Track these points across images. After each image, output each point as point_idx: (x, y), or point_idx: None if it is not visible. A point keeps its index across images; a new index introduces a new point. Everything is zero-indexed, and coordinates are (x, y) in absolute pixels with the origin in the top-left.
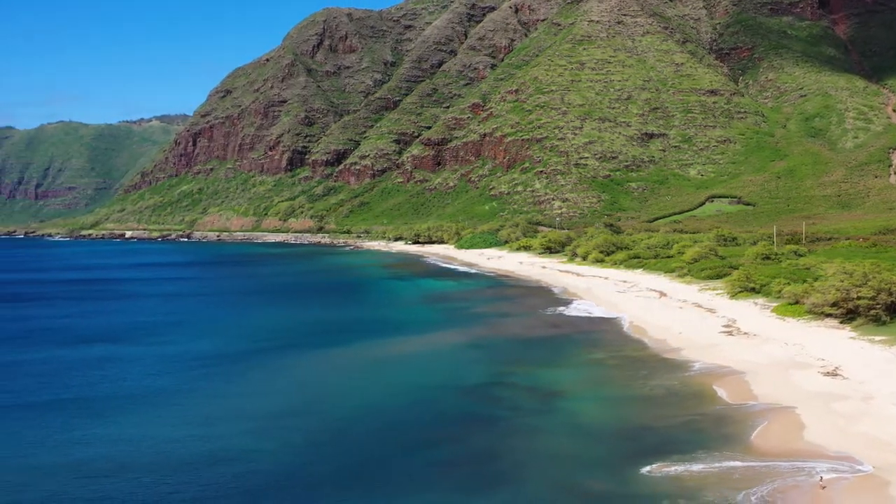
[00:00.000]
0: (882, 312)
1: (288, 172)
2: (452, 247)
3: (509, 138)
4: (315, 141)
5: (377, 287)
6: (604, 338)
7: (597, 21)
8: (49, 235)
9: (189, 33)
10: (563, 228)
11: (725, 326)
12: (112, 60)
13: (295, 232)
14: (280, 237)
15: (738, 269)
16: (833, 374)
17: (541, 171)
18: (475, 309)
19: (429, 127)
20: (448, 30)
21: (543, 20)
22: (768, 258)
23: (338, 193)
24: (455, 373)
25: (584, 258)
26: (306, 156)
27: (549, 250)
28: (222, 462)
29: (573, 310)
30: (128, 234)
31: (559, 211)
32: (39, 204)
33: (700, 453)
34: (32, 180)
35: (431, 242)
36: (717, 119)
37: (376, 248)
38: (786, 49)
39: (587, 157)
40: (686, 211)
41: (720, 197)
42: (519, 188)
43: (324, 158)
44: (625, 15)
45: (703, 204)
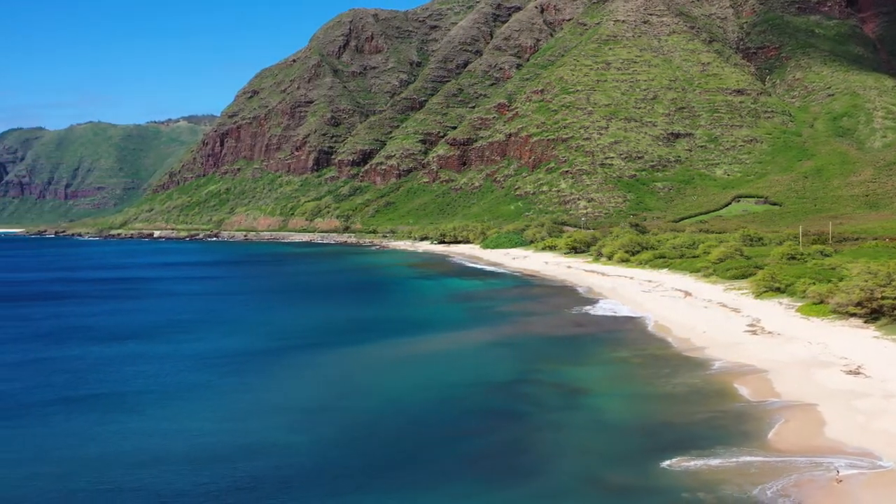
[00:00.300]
0: None
1: (314, 172)
2: (478, 247)
3: (535, 138)
4: (341, 141)
5: (404, 286)
6: (628, 336)
7: (623, 21)
8: (79, 235)
9: (216, 34)
10: (589, 228)
11: (750, 326)
12: (140, 61)
13: (321, 232)
14: (306, 237)
15: (764, 269)
16: (855, 373)
17: (566, 171)
18: (501, 308)
19: (454, 127)
20: (474, 30)
21: (569, 20)
22: (794, 258)
23: (364, 193)
24: (482, 370)
25: (610, 258)
26: (332, 156)
27: (575, 250)
28: (256, 454)
29: (598, 309)
30: (156, 234)
31: (584, 211)
32: (69, 204)
33: (719, 448)
34: (62, 180)
35: (457, 242)
36: (744, 119)
37: (402, 248)
38: (813, 48)
39: (613, 157)
40: (712, 211)
41: (746, 197)
42: (544, 188)
43: (350, 158)
44: (651, 14)
45: (730, 204)
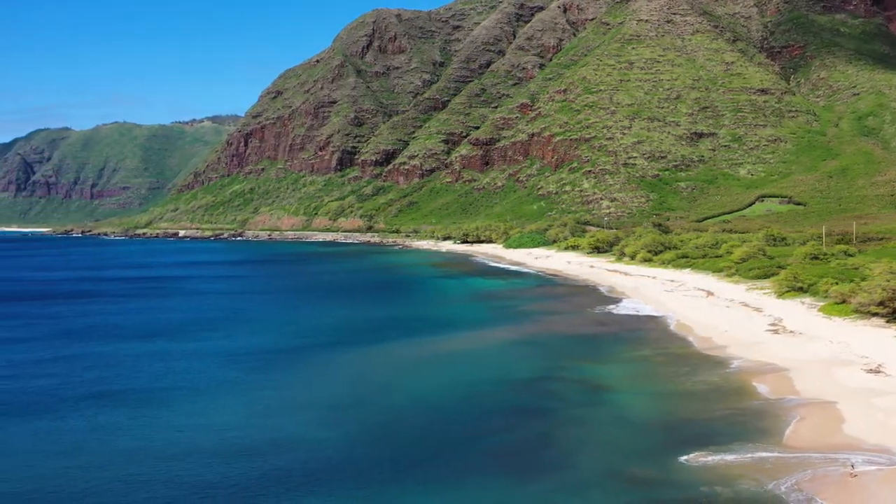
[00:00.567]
0: None
1: (338, 172)
2: (500, 246)
3: (557, 138)
4: (364, 141)
5: (427, 285)
6: (650, 335)
7: (646, 20)
8: (105, 234)
9: (241, 35)
10: (612, 228)
11: (771, 325)
12: (165, 62)
13: (345, 231)
14: (330, 236)
15: (786, 269)
16: (876, 371)
17: (589, 171)
18: (524, 307)
19: (477, 127)
20: (496, 30)
21: (592, 20)
22: (817, 258)
23: (387, 193)
24: (505, 368)
25: (632, 258)
26: (356, 156)
27: (597, 250)
28: (284, 449)
29: (621, 308)
30: (181, 233)
31: (607, 211)
32: (95, 203)
33: (736, 444)
34: (88, 180)
35: (479, 242)
36: (768, 118)
37: (425, 248)
38: (838, 47)
39: (636, 157)
40: (735, 211)
41: (770, 196)
42: (567, 188)
43: (373, 158)
44: (674, 14)
45: (753, 204)
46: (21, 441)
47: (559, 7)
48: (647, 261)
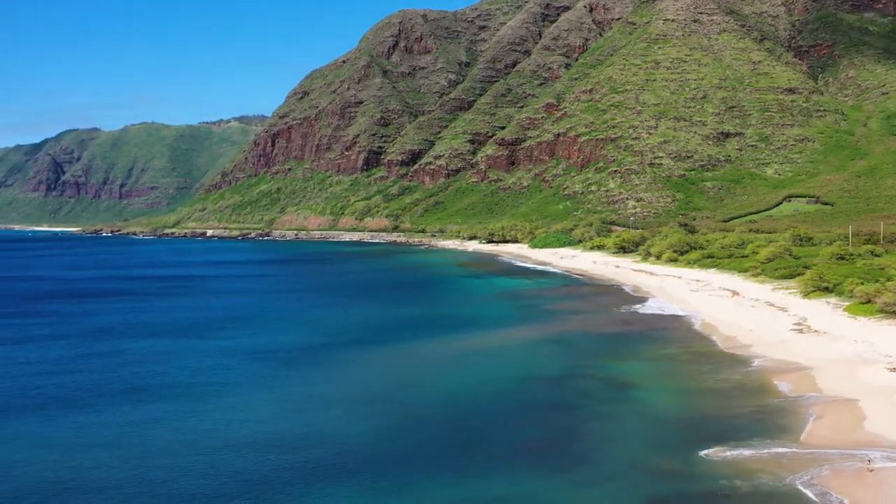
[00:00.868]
0: None
1: (364, 172)
2: (526, 246)
3: (583, 138)
4: (390, 141)
5: (454, 284)
6: (675, 335)
7: (672, 20)
8: (134, 234)
9: (267, 36)
10: (637, 228)
11: (796, 325)
12: (192, 63)
13: (371, 231)
14: (356, 236)
15: (812, 269)
16: None
17: (615, 171)
18: (550, 306)
19: (503, 127)
20: (522, 30)
21: (618, 19)
22: (843, 258)
23: (413, 193)
24: (532, 365)
25: (658, 258)
26: (382, 156)
27: (623, 250)
28: (316, 442)
29: (646, 308)
30: (209, 233)
31: (633, 210)
32: (123, 203)
33: (756, 440)
34: (117, 180)
35: (505, 241)
36: (796, 118)
37: (451, 247)
38: (867, 46)
39: (662, 157)
40: (762, 211)
41: (797, 196)
42: (593, 188)
43: (399, 158)
44: (701, 13)
45: (780, 204)
46: (63, 434)
47: (585, 7)
48: (673, 261)
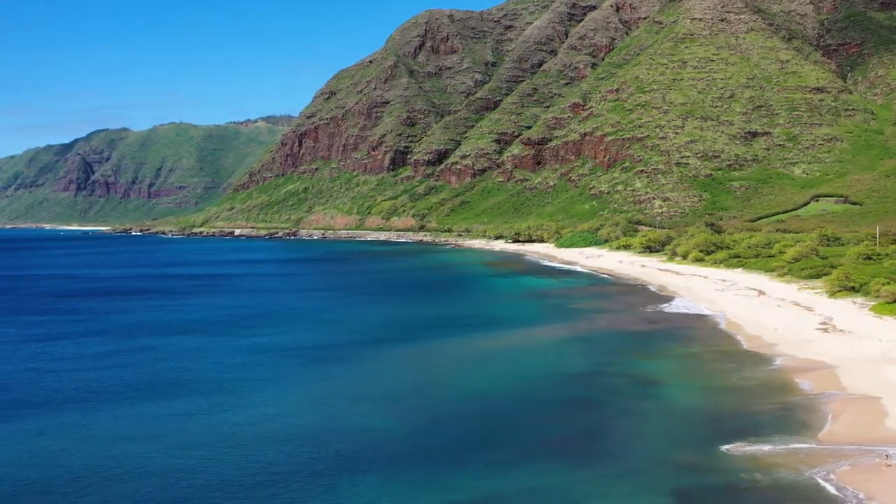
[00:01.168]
0: None
1: (390, 172)
2: (552, 245)
3: (610, 137)
4: (417, 141)
5: (481, 283)
6: (700, 333)
7: (699, 18)
8: (162, 233)
9: (294, 37)
10: (664, 228)
11: (821, 324)
12: (220, 63)
13: (397, 230)
14: (383, 235)
15: (838, 269)
16: None
17: (641, 171)
18: (576, 305)
19: (529, 126)
20: (548, 29)
21: (645, 18)
22: (870, 258)
23: (439, 193)
24: (559, 362)
25: (684, 257)
26: (408, 156)
27: (649, 249)
28: (346, 435)
29: (672, 307)
30: (236, 232)
31: (659, 210)
32: (152, 202)
33: (777, 436)
34: (146, 180)
35: (531, 241)
36: (824, 117)
37: (477, 247)
38: None
39: (688, 156)
40: (790, 210)
41: (825, 196)
42: (619, 187)
43: (425, 158)
44: (728, 12)
45: (808, 203)
46: (103, 426)
47: (612, 6)
48: (699, 260)
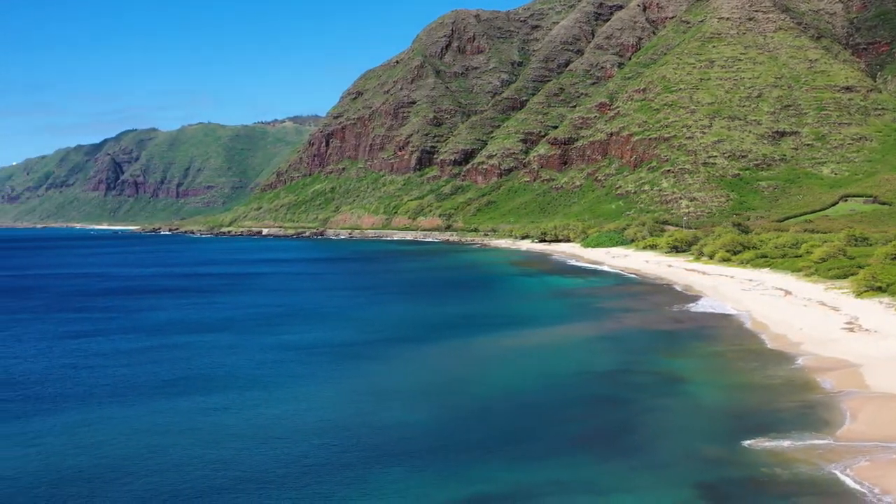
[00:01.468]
0: None
1: (417, 172)
2: (578, 245)
3: (636, 137)
4: (443, 141)
5: (507, 282)
6: (725, 332)
7: (727, 18)
8: (191, 232)
9: (320, 37)
10: (690, 228)
11: (847, 323)
12: (247, 63)
13: (423, 230)
14: (409, 235)
15: (865, 269)
16: None
17: (668, 170)
18: (602, 304)
19: (555, 126)
20: (575, 29)
21: (672, 18)
22: None
23: (465, 192)
24: (585, 360)
25: (711, 257)
26: (434, 155)
27: (676, 249)
28: (378, 430)
29: (698, 306)
30: (264, 232)
31: (686, 210)
32: (180, 202)
33: (797, 432)
34: (174, 179)
35: (557, 241)
36: (853, 116)
37: (504, 246)
38: None
39: (715, 156)
40: (818, 210)
41: (854, 196)
42: (646, 187)
43: (451, 158)
44: (756, 11)
45: (836, 203)
46: (141, 419)
47: (639, 5)
48: (726, 260)
